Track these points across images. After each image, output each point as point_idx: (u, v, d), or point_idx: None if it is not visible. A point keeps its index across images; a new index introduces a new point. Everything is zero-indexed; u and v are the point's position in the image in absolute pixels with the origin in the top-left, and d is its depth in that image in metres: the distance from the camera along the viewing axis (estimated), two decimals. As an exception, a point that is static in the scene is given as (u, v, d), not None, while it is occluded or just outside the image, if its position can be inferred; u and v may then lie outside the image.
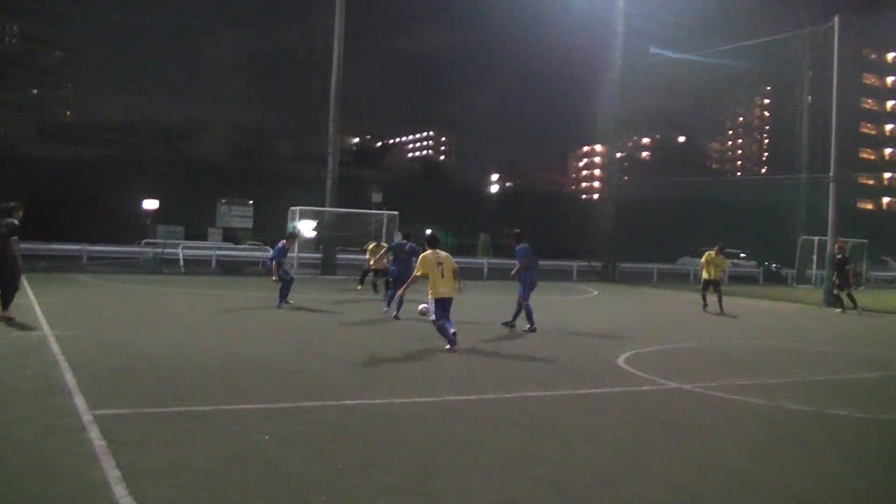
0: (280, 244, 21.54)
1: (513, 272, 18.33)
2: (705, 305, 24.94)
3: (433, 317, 15.00)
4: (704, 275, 25.22)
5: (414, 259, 17.39)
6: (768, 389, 11.75)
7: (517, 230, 18.15)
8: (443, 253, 15.01)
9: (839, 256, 28.10)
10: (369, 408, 9.31)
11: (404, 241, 20.36)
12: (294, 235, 23.28)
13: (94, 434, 7.51)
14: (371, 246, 25.93)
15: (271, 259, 21.57)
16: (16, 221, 15.76)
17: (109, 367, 11.04)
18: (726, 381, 12.32)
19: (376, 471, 6.79)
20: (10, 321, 15.32)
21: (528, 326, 17.76)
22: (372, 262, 25.28)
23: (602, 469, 7.16)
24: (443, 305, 14.53)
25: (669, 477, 7.02)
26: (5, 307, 15.65)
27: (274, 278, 20.98)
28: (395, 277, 19.70)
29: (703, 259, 25.41)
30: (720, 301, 24.82)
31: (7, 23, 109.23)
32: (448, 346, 14.24)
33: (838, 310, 27.47)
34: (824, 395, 11.60)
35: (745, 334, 19.69)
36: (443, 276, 14.58)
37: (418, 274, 14.86)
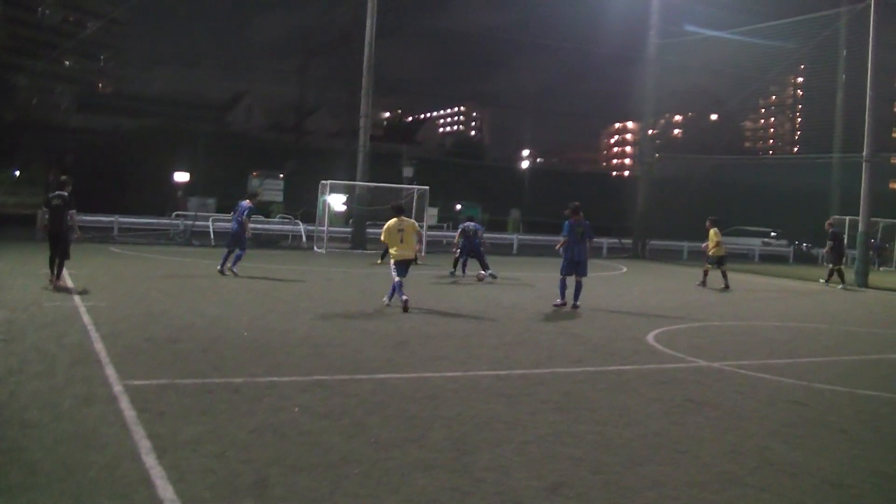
0: (246, 203, 21.67)
1: (557, 247, 18.60)
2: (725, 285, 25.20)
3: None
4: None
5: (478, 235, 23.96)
6: (797, 369, 11.75)
7: (574, 204, 18.10)
8: (407, 220, 16.69)
9: (832, 231, 28.96)
10: (404, 382, 9.38)
11: (469, 223, 24.25)
12: (255, 195, 23.28)
13: (129, 404, 7.64)
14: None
15: (240, 216, 21.44)
16: (66, 194, 16.74)
17: (142, 338, 11.18)
18: (755, 360, 12.32)
19: (412, 446, 6.86)
20: (56, 287, 16.24)
21: (557, 301, 17.93)
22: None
23: (635, 448, 7.20)
24: (400, 266, 16.21)
25: (701, 457, 7.05)
26: (58, 276, 16.64)
27: (248, 235, 21.66)
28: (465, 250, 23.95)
29: None
30: (705, 275, 25.65)
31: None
32: (386, 301, 16.39)
33: (842, 284, 28.59)
34: (854, 376, 11.59)
35: (774, 314, 19.60)
36: (402, 242, 16.23)
37: (383, 239, 16.74)
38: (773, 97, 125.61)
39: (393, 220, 16.46)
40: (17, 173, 58.11)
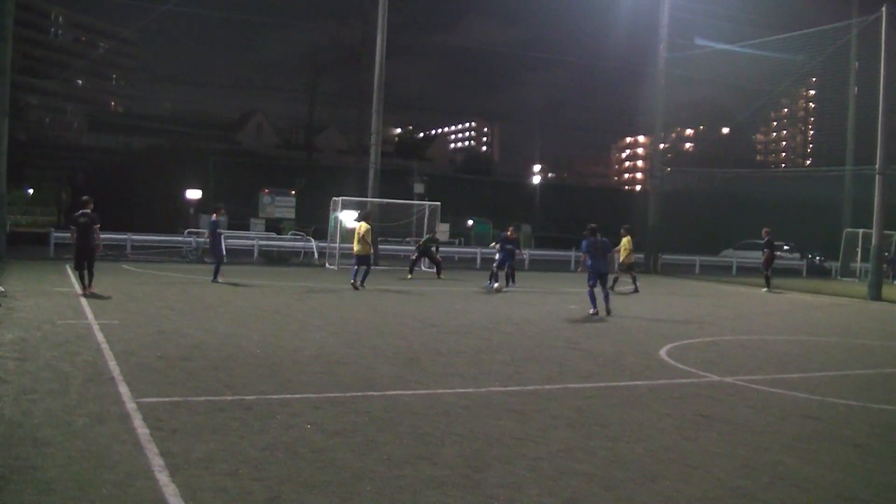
0: (213, 217, 24.26)
1: (579, 270, 20.77)
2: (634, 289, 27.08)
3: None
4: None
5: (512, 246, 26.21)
6: (811, 383, 11.71)
7: (591, 226, 19.68)
8: (363, 226, 23.75)
9: (766, 239, 30.77)
10: (415, 399, 9.38)
11: (504, 234, 26.57)
12: (219, 208, 25.21)
13: (142, 422, 7.66)
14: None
15: (210, 231, 24.25)
16: (90, 212, 18.87)
17: (154, 356, 11.21)
18: (769, 374, 12.28)
19: (424, 463, 6.86)
20: (90, 295, 18.18)
21: (591, 311, 19.20)
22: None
23: (647, 464, 7.18)
24: (356, 257, 23.68)
25: (714, 473, 7.03)
26: (90, 284, 18.80)
27: (206, 239, 24.33)
28: (500, 262, 26.11)
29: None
30: (613, 282, 26.20)
31: (57, 13, 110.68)
32: (352, 283, 23.40)
33: (764, 289, 31.17)
34: (868, 390, 11.54)
35: (788, 328, 19.55)
36: (357, 242, 23.66)
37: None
38: (785, 110, 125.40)
39: (356, 225, 24.32)
40: (31, 191, 58.38)
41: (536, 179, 79.71)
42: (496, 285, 25.30)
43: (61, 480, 6.03)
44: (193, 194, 47.62)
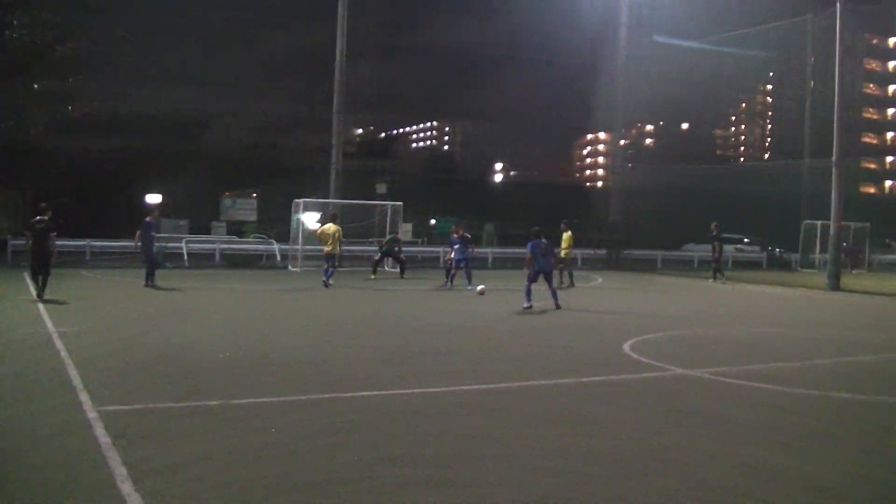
0: (147, 219, 23.84)
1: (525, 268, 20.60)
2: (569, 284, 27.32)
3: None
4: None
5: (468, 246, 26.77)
6: (774, 374, 11.78)
7: (535, 229, 20.33)
8: (330, 228, 25.11)
9: (714, 233, 31.98)
10: (386, 400, 9.35)
11: (460, 238, 26.51)
12: (153, 210, 26.19)
13: (108, 429, 7.57)
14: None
15: (141, 233, 23.48)
16: (46, 219, 19.20)
17: (118, 362, 11.09)
18: (732, 366, 12.33)
19: (394, 464, 6.83)
20: (43, 300, 18.27)
21: (525, 304, 19.71)
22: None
23: (619, 459, 7.18)
24: (326, 258, 25.04)
25: (687, 467, 7.03)
26: (43, 290, 18.85)
27: (137, 244, 23.78)
28: (457, 261, 26.33)
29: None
30: (561, 278, 26.66)
31: (20, 12, 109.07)
32: (324, 282, 24.17)
33: (714, 280, 32.10)
34: (831, 380, 11.63)
35: (749, 320, 19.68)
36: (329, 242, 24.85)
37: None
38: (743, 105, 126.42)
39: (324, 226, 25.68)
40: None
41: (498, 178, 79.79)
42: (479, 288, 23.91)
43: (28, 489, 5.97)
44: (153, 199, 47.16)
